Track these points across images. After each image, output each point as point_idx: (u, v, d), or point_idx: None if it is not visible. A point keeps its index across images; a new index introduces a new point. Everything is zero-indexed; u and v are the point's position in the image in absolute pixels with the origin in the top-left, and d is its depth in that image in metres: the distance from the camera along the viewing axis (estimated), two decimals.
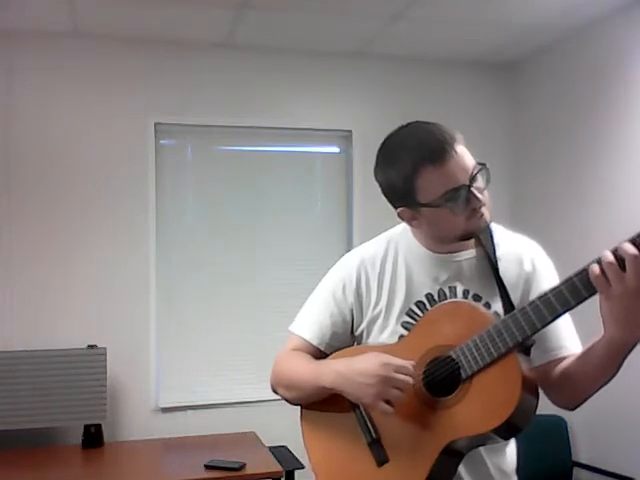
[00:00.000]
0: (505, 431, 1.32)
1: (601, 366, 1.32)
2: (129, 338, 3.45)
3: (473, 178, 1.43)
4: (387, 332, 1.50)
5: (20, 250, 3.36)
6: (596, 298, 1.23)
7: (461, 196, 1.40)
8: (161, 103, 3.58)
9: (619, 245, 1.18)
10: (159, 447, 3.31)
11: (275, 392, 1.61)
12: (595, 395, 1.40)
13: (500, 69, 4.03)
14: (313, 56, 3.77)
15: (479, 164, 1.46)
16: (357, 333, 1.56)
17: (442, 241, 1.50)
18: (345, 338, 1.57)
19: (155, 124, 3.57)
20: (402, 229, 1.59)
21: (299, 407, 1.57)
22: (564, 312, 1.26)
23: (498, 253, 1.50)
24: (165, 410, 3.51)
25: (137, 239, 3.52)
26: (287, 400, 1.58)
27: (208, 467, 2.86)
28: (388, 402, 1.35)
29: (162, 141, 3.62)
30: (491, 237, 1.52)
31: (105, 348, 3.26)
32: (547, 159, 3.72)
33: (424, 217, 1.45)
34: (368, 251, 1.59)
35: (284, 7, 3.18)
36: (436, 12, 3.25)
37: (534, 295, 1.38)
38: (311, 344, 1.57)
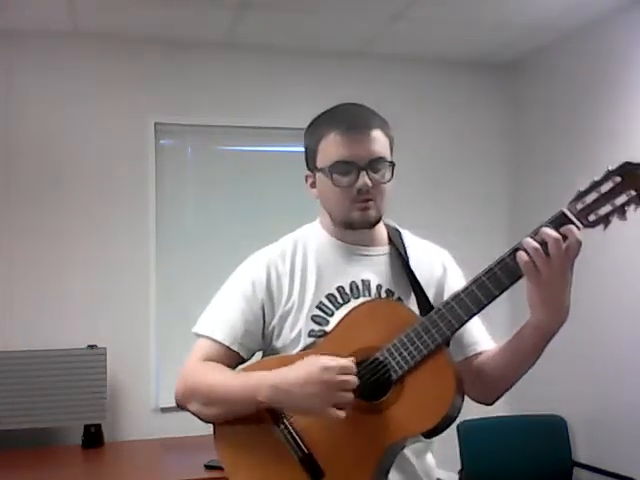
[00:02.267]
0: (438, 429, 1.31)
1: (527, 354, 1.35)
2: (129, 338, 3.44)
3: (371, 164, 1.42)
4: (297, 328, 1.45)
5: (20, 250, 3.36)
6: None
7: (349, 172, 1.41)
8: (161, 103, 3.57)
9: (538, 230, 1.24)
10: (159, 447, 3.31)
11: (181, 407, 1.49)
12: (595, 395, 1.42)
13: (500, 69, 4.03)
14: (313, 56, 3.77)
15: (387, 161, 1.45)
16: (268, 331, 1.48)
17: (335, 224, 1.50)
18: (257, 338, 1.49)
19: (155, 124, 3.56)
20: (309, 227, 1.59)
21: (212, 425, 1.47)
22: (489, 303, 1.28)
23: (408, 254, 1.51)
24: (165, 410, 3.50)
25: (137, 239, 3.52)
26: (200, 417, 1.46)
27: (208, 467, 2.85)
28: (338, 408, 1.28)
29: (162, 141, 3.62)
30: (401, 238, 1.55)
31: (105, 348, 3.26)
32: (547, 159, 3.72)
33: (318, 184, 1.49)
34: (275, 250, 1.54)
35: (284, 7, 3.18)
36: (436, 12, 3.25)
37: (448, 294, 1.38)
38: (222, 345, 1.46)
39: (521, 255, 1.23)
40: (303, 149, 1.54)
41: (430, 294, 1.47)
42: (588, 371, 3.34)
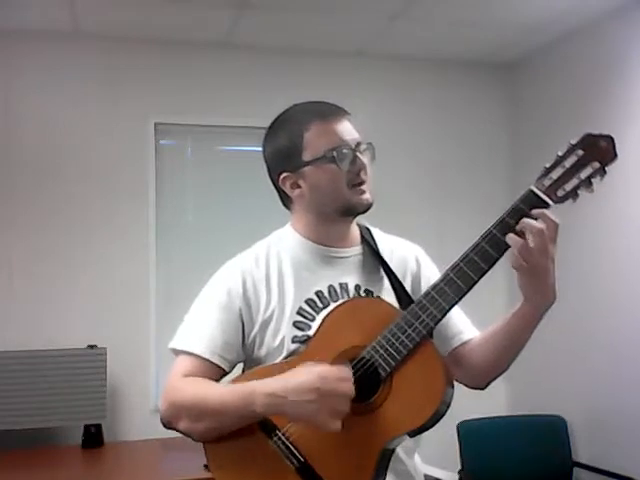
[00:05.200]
0: (433, 422, 1.29)
1: (520, 339, 1.37)
2: (129, 338, 3.44)
3: (358, 146, 1.45)
4: (280, 335, 1.41)
5: (20, 250, 3.36)
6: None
7: (347, 155, 1.42)
8: (161, 103, 3.58)
9: (513, 213, 1.28)
10: (159, 447, 3.30)
11: (169, 428, 1.43)
12: (595, 395, 1.42)
13: (500, 69, 4.03)
14: (313, 56, 3.77)
15: (367, 142, 1.48)
16: (249, 341, 1.44)
17: (324, 218, 1.47)
18: (237, 348, 1.44)
19: (155, 124, 3.56)
20: (280, 232, 1.58)
21: (203, 445, 1.42)
22: (469, 289, 1.28)
23: (381, 251, 1.51)
24: None
25: (137, 239, 3.52)
26: (190, 435, 1.40)
27: (208, 467, 2.85)
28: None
29: (162, 141, 3.62)
30: (372, 236, 1.55)
31: (105, 348, 3.26)
32: (546, 159, 3.71)
33: (307, 180, 1.45)
34: (248, 257, 1.52)
35: (284, 7, 3.18)
36: (436, 12, 3.25)
37: (425, 288, 1.37)
38: (202, 358, 1.41)
39: (515, 259, 1.24)
40: (267, 156, 1.53)
41: (407, 288, 1.48)
42: (588, 371, 3.34)
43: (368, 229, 1.57)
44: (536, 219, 1.24)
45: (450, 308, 1.29)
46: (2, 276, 3.33)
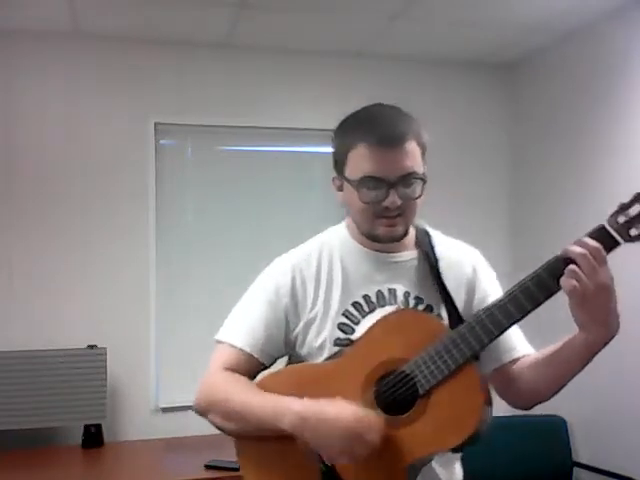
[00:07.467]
0: (468, 443, 1.28)
1: (574, 368, 1.33)
2: (129, 338, 3.44)
3: (402, 180, 1.34)
4: (323, 335, 1.41)
5: (20, 250, 3.36)
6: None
7: (377, 188, 1.34)
8: (161, 103, 3.58)
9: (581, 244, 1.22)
10: (159, 447, 3.31)
11: (200, 414, 1.46)
12: (595, 395, 1.42)
13: (499, 69, 4.03)
14: (313, 56, 3.77)
15: (419, 176, 1.37)
16: (292, 338, 1.45)
17: (361, 232, 1.45)
18: (280, 344, 1.45)
19: (155, 124, 3.56)
20: (335, 230, 1.54)
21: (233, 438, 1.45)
22: (521, 317, 1.25)
23: (437, 256, 1.46)
24: (165, 410, 3.50)
25: (137, 239, 3.52)
26: (218, 427, 1.44)
27: (208, 467, 2.86)
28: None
29: (162, 141, 3.62)
30: (429, 240, 1.50)
31: (105, 348, 3.26)
32: (546, 159, 3.72)
33: (345, 192, 1.42)
34: (300, 254, 1.50)
35: (284, 7, 3.18)
36: (436, 12, 3.25)
37: (478, 299, 1.37)
38: (243, 351, 1.43)
39: (566, 280, 1.20)
40: (331, 150, 1.46)
41: (461, 296, 1.44)
42: (588, 371, 3.33)
43: (427, 233, 1.52)
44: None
45: (498, 335, 1.27)
46: (2, 276, 3.33)
